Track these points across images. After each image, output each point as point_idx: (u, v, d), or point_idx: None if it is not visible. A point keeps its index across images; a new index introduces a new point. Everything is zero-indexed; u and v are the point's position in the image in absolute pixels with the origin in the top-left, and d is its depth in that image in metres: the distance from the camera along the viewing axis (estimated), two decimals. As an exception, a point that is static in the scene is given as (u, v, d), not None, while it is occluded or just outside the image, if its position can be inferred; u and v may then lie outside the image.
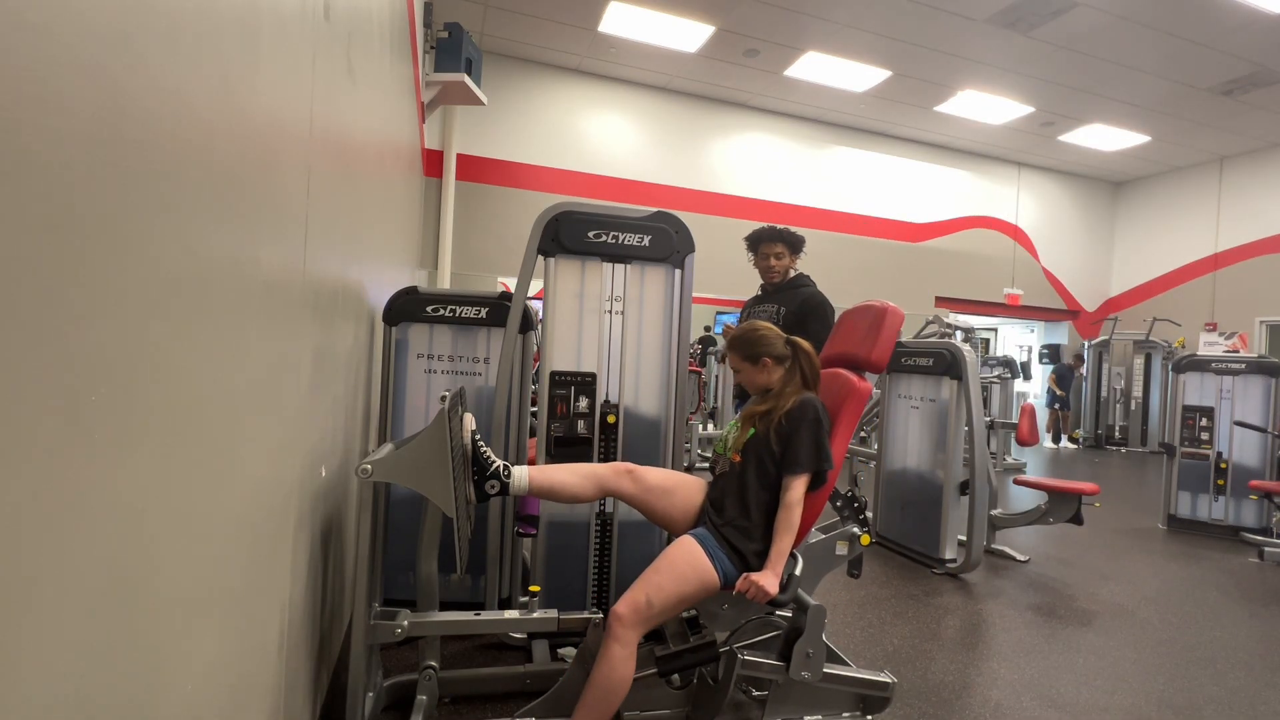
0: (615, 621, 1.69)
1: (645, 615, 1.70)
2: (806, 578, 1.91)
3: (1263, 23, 6.05)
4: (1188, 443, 4.96)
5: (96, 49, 0.55)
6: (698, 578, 1.75)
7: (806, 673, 1.78)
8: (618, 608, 1.70)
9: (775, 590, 1.73)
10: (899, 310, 2.10)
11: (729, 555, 1.80)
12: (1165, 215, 10.57)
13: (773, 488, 1.86)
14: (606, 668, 1.67)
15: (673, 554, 1.77)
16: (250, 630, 1.10)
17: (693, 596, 1.76)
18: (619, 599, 1.73)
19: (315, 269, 1.43)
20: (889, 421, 4.22)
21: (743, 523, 1.84)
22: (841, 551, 2.03)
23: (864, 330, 2.10)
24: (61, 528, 0.54)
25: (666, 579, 1.73)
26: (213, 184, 0.81)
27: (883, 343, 2.04)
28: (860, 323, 2.14)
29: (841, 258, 8.91)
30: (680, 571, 1.74)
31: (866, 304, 2.17)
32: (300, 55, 1.21)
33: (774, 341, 2.00)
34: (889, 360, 2.09)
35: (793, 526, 1.80)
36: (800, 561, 1.86)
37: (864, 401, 2.00)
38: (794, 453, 1.83)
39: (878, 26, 6.51)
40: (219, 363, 0.87)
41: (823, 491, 1.90)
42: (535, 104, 7.80)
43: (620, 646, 1.67)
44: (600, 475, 1.90)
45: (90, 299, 0.56)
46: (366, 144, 2.21)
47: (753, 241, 3.19)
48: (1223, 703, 2.33)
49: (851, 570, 2.11)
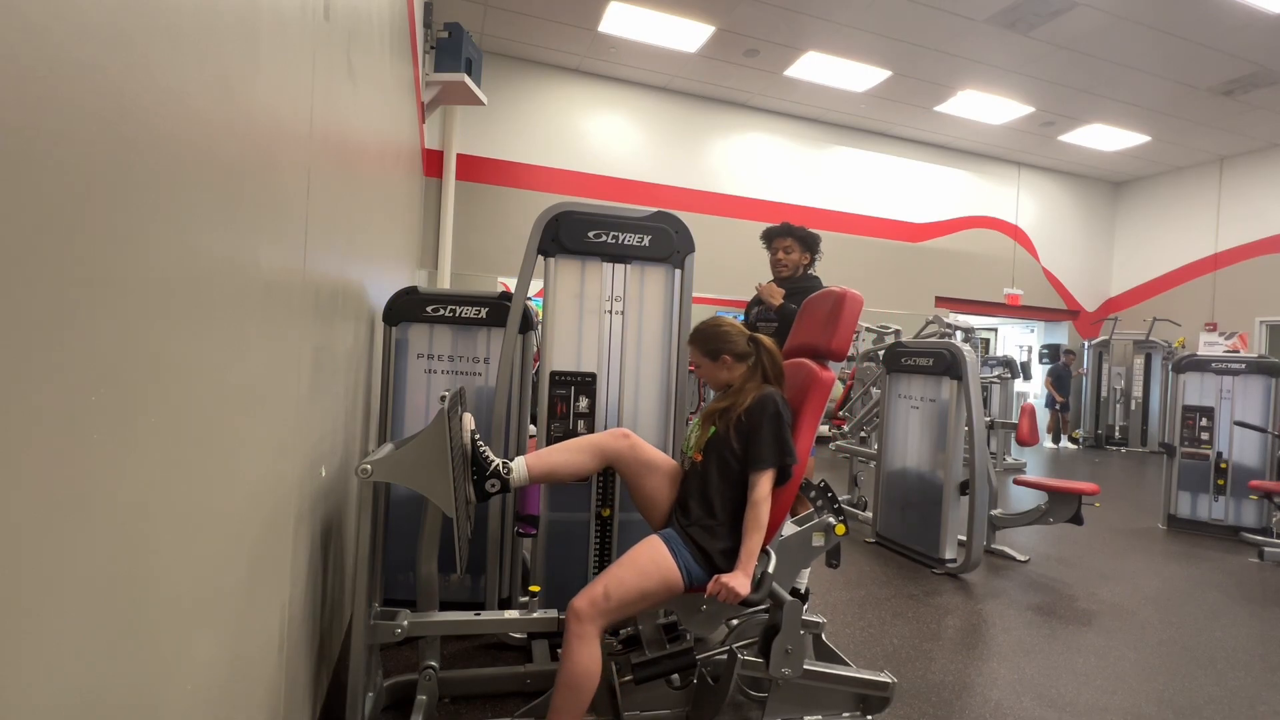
0: (572, 616, 1.66)
1: (603, 608, 1.66)
2: (783, 572, 1.88)
3: (1263, 23, 6.05)
4: (1188, 443, 4.96)
5: (96, 49, 0.55)
6: (659, 573, 1.72)
7: (786, 669, 1.72)
8: (575, 602, 1.67)
9: (746, 590, 1.70)
10: (858, 295, 2.05)
11: (694, 555, 1.77)
12: (1165, 215, 10.58)
13: (737, 485, 1.83)
14: (570, 664, 1.64)
15: (637, 550, 1.76)
16: (250, 630, 1.10)
17: (654, 593, 1.72)
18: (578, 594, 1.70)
19: (315, 269, 1.43)
20: (889, 421, 4.22)
21: (707, 521, 1.82)
22: (818, 543, 1.99)
23: (823, 318, 2.06)
24: (61, 527, 0.54)
25: (628, 572, 1.71)
26: (213, 184, 0.81)
27: (842, 330, 2.00)
28: (819, 311, 2.10)
29: (841, 258, 8.89)
30: (641, 565, 1.72)
31: (826, 290, 2.13)
32: (300, 55, 1.21)
33: (735, 339, 1.97)
34: (849, 346, 2.05)
35: (760, 524, 1.77)
36: (773, 558, 1.84)
37: (827, 391, 1.96)
38: (756, 449, 1.81)
39: (878, 26, 6.51)
40: (219, 362, 0.87)
41: (790, 486, 1.87)
42: (535, 104, 7.80)
43: (581, 642, 1.64)
44: (598, 442, 1.90)
45: (90, 299, 0.56)
46: (366, 144, 2.21)
47: (767, 238, 3.27)
48: (1223, 703, 2.33)
49: (830, 561, 2.08)
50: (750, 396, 1.87)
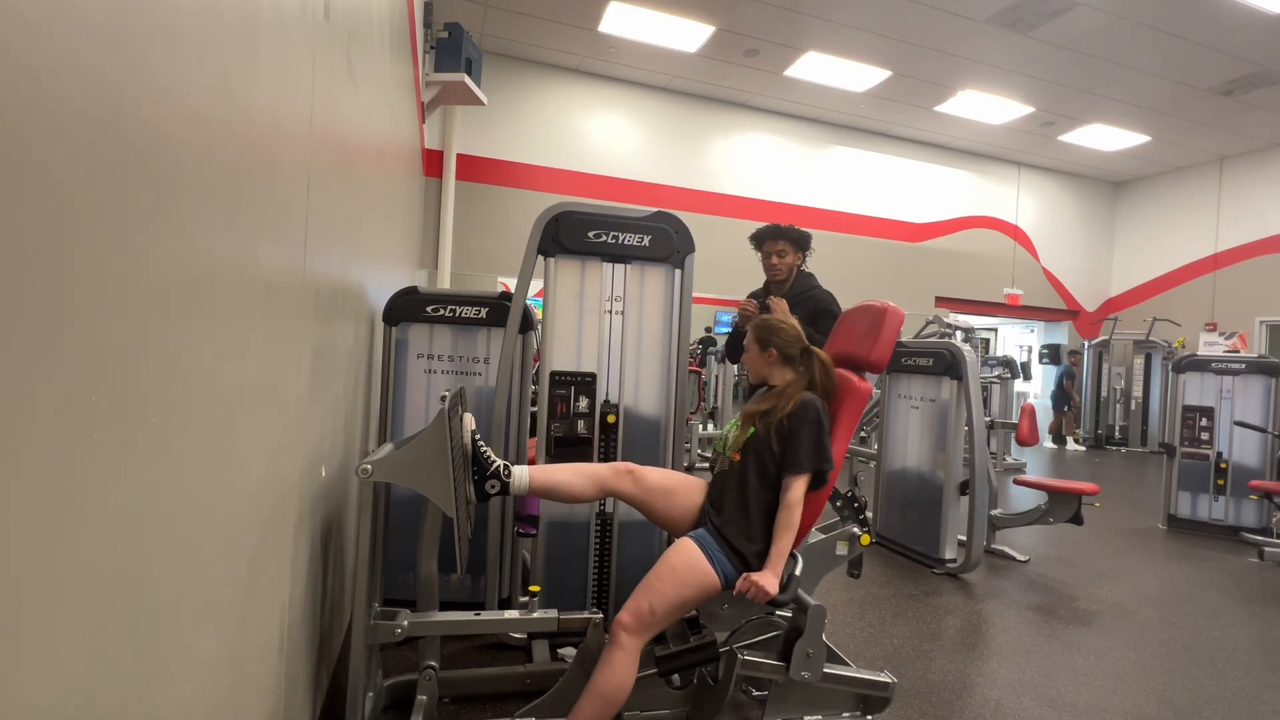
0: (620, 630, 1.69)
1: (649, 623, 1.70)
2: (807, 577, 1.91)
3: (1263, 23, 6.05)
4: (1188, 443, 4.96)
5: (96, 49, 0.55)
6: (697, 581, 1.75)
7: (806, 672, 1.78)
8: (622, 616, 1.70)
9: (775, 590, 1.73)
10: (899, 310, 2.10)
11: (729, 556, 1.80)
12: (1165, 215, 10.57)
13: (773, 487, 1.86)
14: (609, 673, 1.67)
15: (672, 558, 1.77)
16: (250, 630, 1.10)
17: (694, 600, 1.76)
18: (622, 607, 1.73)
19: (315, 269, 1.43)
20: (889, 421, 4.22)
21: (743, 522, 1.84)
22: (842, 551, 2.04)
23: (864, 330, 2.10)
24: (61, 527, 0.54)
25: (668, 585, 1.73)
26: (213, 184, 0.81)
27: (883, 343, 2.04)
28: (860, 323, 2.13)
29: (841, 258, 8.90)
30: (680, 575, 1.74)
31: (867, 304, 2.16)
32: (300, 55, 1.21)
33: (790, 340, 2.01)
34: (889, 360, 2.09)
35: (792, 526, 1.79)
36: (800, 561, 1.86)
37: (864, 401, 2.00)
38: (795, 453, 1.83)
39: (878, 26, 6.51)
40: (219, 362, 0.87)
41: (823, 492, 1.91)
42: (535, 104, 7.80)
43: (624, 654, 1.68)
44: (601, 475, 1.90)
45: (90, 299, 0.56)
46: (366, 144, 2.21)
47: (757, 240, 3.16)
48: (1223, 703, 2.33)
49: (852, 570, 2.11)
50: (793, 401, 1.89)
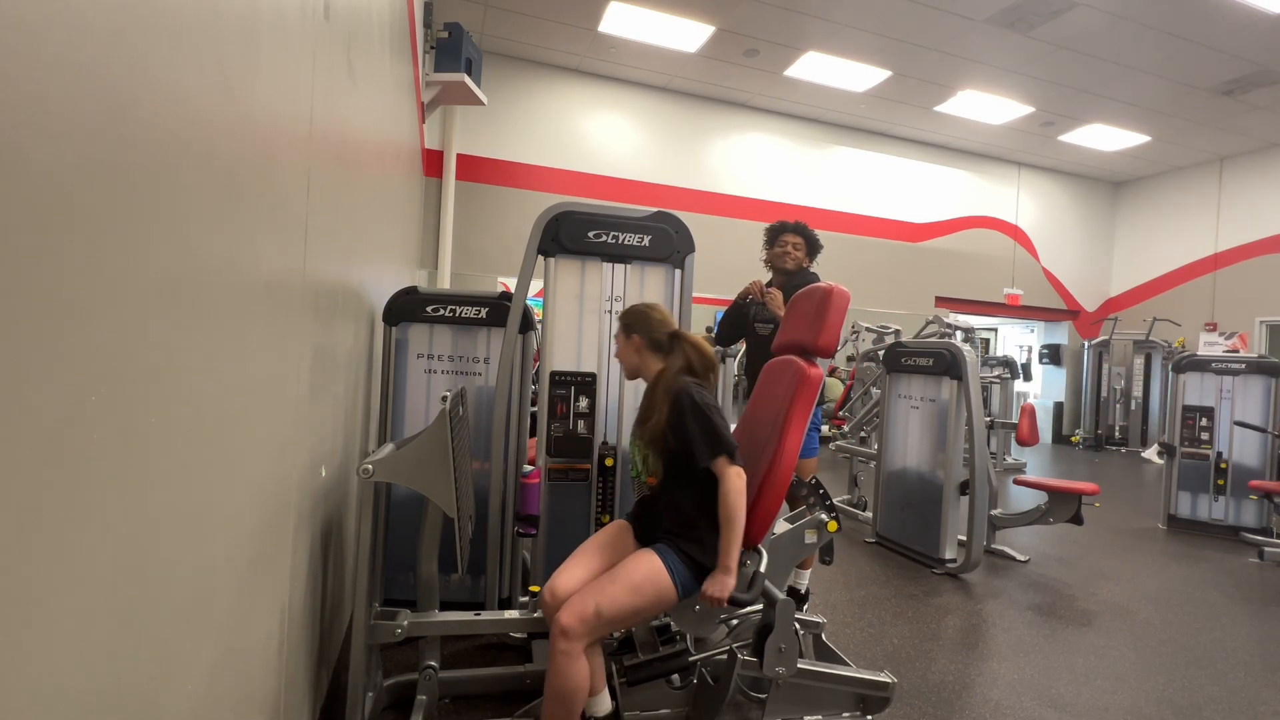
0: (559, 633, 1.58)
1: (593, 626, 1.60)
2: (776, 569, 1.87)
3: (1263, 23, 6.05)
4: (1188, 443, 4.96)
5: (96, 49, 0.55)
6: (655, 592, 1.67)
7: (781, 668, 1.71)
8: (563, 618, 1.59)
9: (730, 586, 1.66)
10: (845, 291, 2.00)
11: (689, 566, 1.73)
12: (1165, 215, 10.57)
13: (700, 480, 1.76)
14: (558, 678, 1.59)
15: (632, 565, 1.70)
16: (250, 630, 1.10)
17: (646, 610, 1.69)
18: (564, 606, 1.62)
19: (315, 269, 1.43)
20: (889, 421, 4.21)
21: (687, 530, 1.76)
22: (811, 540, 1.98)
23: (811, 315, 2.01)
24: (61, 527, 0.54)
25: (621, 590, 1.64)
26: (213, 184, 0.81)
27: (829, 326, 1.95)
28: (806, 307, 2.05)
29: (842, 258, 8.89)
30: (636, 583, 1.66)
31: (812, 286, 2.07)
32: (300, 55, 1.21)
33: (655, 326, 1.90)
34: (837, 343, 1.99)
35: (731, 518, 1.68)
36: (765, 556, 1.82)
37: (815, 387, 1.90)
38: (693, 449, 1.73)
39: (878, 26, 6.51)
40: (219, 363, 0.87)
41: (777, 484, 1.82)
42: (535, 104, 7.80)
43: (567, 659, 1.58)
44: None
45: (90, 299, 0.56)
46: (366, 144, 2.21)
47: (774, 231, 3.10)
48: (1223, 703, 2.33)
49: (823, 557, 2.08)
50: (666, 401, 1.80)
